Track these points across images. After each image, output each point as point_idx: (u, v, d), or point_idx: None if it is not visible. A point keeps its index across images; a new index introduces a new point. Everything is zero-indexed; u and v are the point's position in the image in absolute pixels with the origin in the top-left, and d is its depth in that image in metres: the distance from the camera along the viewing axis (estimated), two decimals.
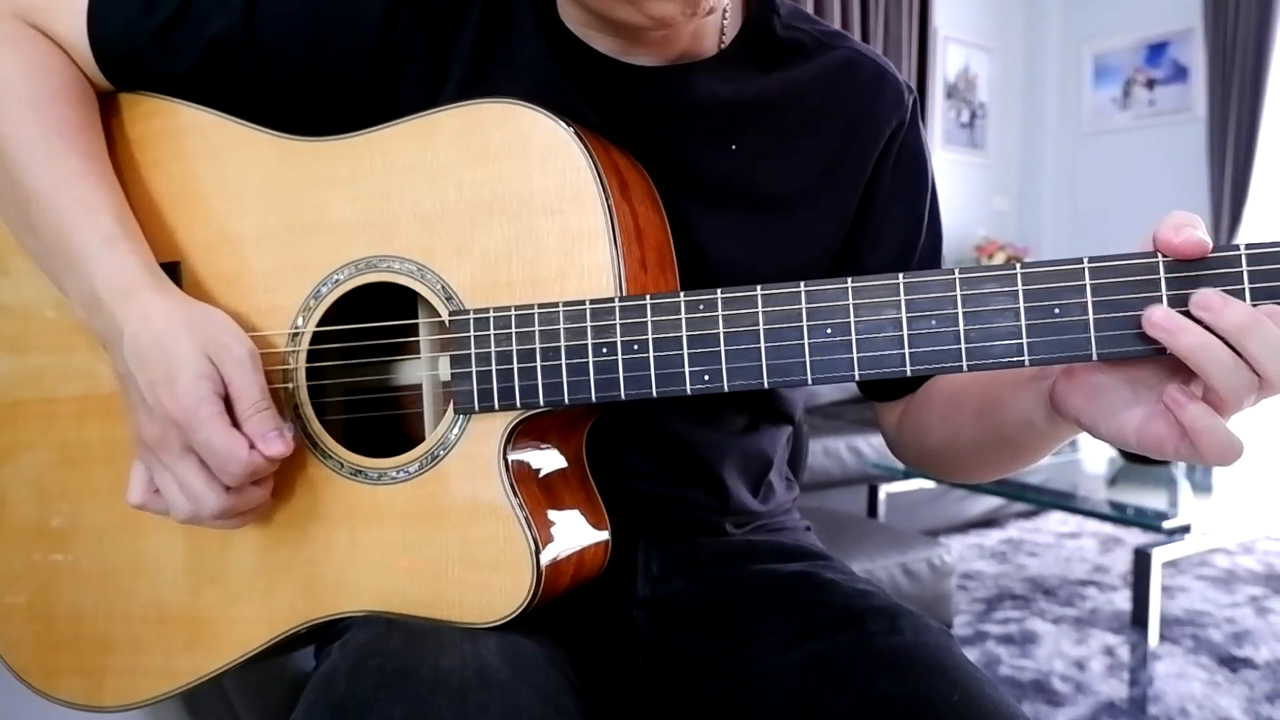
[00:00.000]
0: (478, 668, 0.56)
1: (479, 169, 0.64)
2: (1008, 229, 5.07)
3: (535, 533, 0.61)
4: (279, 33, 0.71)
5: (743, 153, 0.74)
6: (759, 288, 0.57)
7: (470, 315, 0.63)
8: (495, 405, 0.62)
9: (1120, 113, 4.78)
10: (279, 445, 0.62)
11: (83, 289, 0.66)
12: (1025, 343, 0.53)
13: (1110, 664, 2.20)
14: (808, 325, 0.56)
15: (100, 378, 0.73)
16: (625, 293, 0.61)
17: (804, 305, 0.57)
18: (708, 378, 0.58)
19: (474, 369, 0.62)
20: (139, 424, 0.64)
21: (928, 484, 2.97)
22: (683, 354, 0.59)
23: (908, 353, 0.55)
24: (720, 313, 0.58)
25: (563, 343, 0.61)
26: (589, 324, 0.60)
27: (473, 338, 0.63)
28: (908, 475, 2.88)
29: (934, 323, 0.54)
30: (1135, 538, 3.11)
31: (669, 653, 0.76)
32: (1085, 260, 0.52)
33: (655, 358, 0.59)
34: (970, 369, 0.54)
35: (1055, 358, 0.53)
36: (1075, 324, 0.52)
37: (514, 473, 0.63)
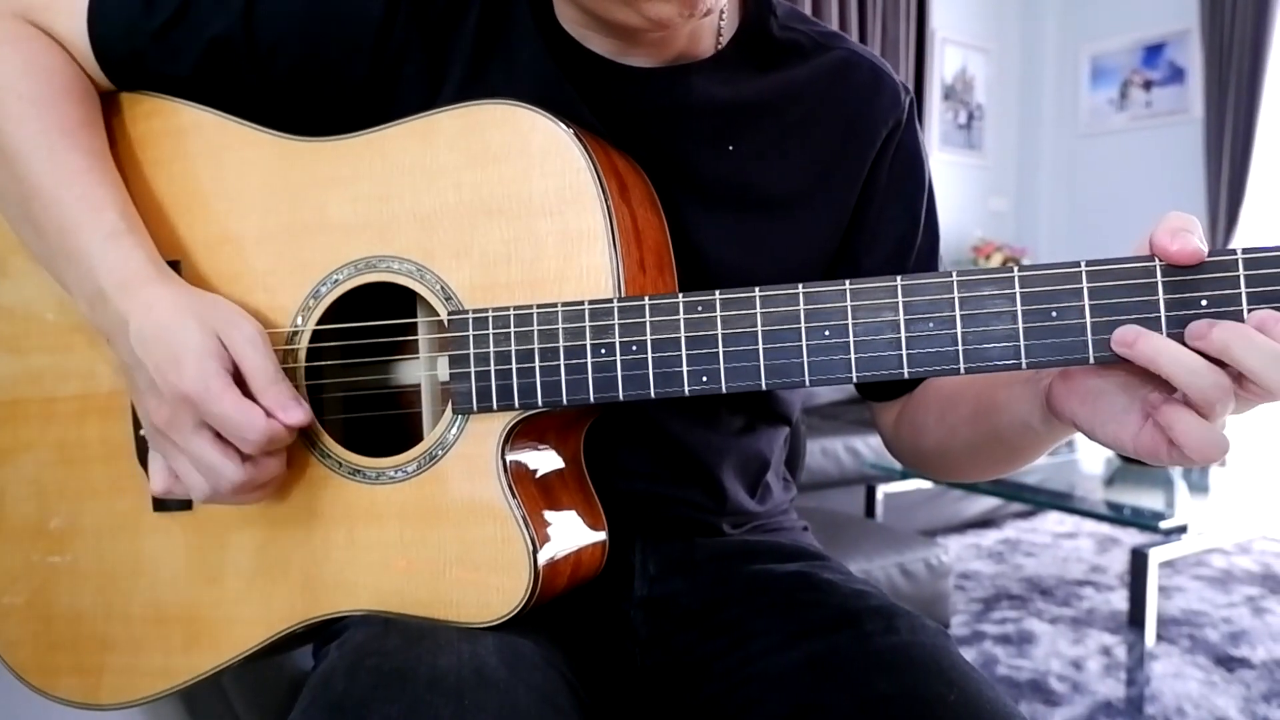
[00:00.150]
0: (475, 667, 0.56)
1: (479, 170, 0.64)
2: (1005, 230, 5.07)
3: (533, 533, 0.62)
4: (278, 32, 0.71)
5: (740, 154, 0.74)
6: (757, 289, 0.58)
7: (469, 316, 0.63)
8: (494, 406, 0.62)
9: (1117, 114, 4.78)
10: (299, 413, 0.62)
11: (86, 284, 0.66)
12: (1022, 345, 0.53)
13: (1107, 664, 2.20)
14: (806, 327, 0.57)
15: (100, 377, 0.73)
16: (624, 294, 0.61)
17: (802, 307, 0.57)
18: (706, 379, 0.58)
19: (472, 369, 0.63)
20: (148, 410, 0.64)
21: (925, 484, 2.98)
22: (681, 355, 0.59)
23: (905, 355, 0.55)
24: (718, 314, 0.58)
25: (561, 343, 0.61)
26: (587, 325, 0.60)
27: (471, 338, 0.63)
28: (905, 476, 2.89)
29: (931, 325, 0.55)
30: (1132, 538, 3.11)
31: (666, 652, 0.76)
32: (1083, 264, 0.52)
33: (654, 359, 0.59)
34: (967, 371, 0.54)
35: (1052, 360, 0.53)
36: (1072, 327, 0.52)
37: (512, 473, 0.63)
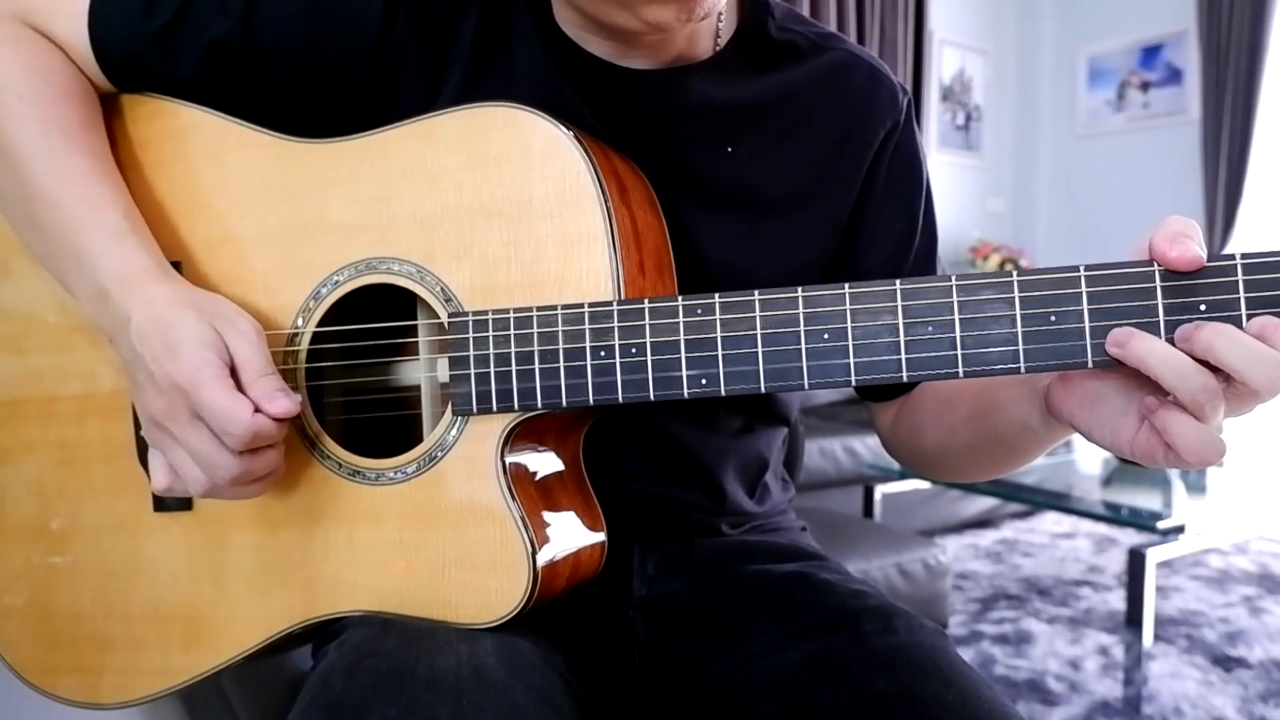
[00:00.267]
0: (474, 668, 0.56)
1: (479, 172, 0.64)
2: (1002, 231, 5.07)
3: (532, 534, 0.62)
4: (278, 34, 0.71)
5: (739, 155, 0.74)
6: (756, 293, 0.58)
7: (469, 318, 0.63)
8: (493, 407, 0.62)
9: (1114, 115, 4.79)
10: (285, 403, 0.61)
11: (89, 283, 0.66)
12: (1021, 350, 0.53)
13: (1105, 664, 2.21)
14: (805, 330, 0.57)
15: (100, 378, 0.73)
16: (623, 297, 0.61)
17: (801, 310, 0.57)
18: (705, 381, 0.58)
19: (472, 371, 0.63)
20: (147, 402, 0.63)
21: (923, 484, 2.98)
22: (680, 358, 0.59)
23: (904, 359, 0.55)
24: (718, 317, 0.58)
25: (561, 345, 0.61)
26: (587, 327, 0.60)
27: (471, 340, 0.63)
28: (903, 476, 2.89)
29: (930, 329, 0.55)
30: (1130, 538, 3.12)
31: (665, 653, 0.76)
32: (1082, 269, 0.52)
33: (653, 361, 0.59)
34: (966, 375, 0.54)
35: (1050, 365, 0.53)
36: (1071, 332, 0.53)
37: (511, 474, 0.63)
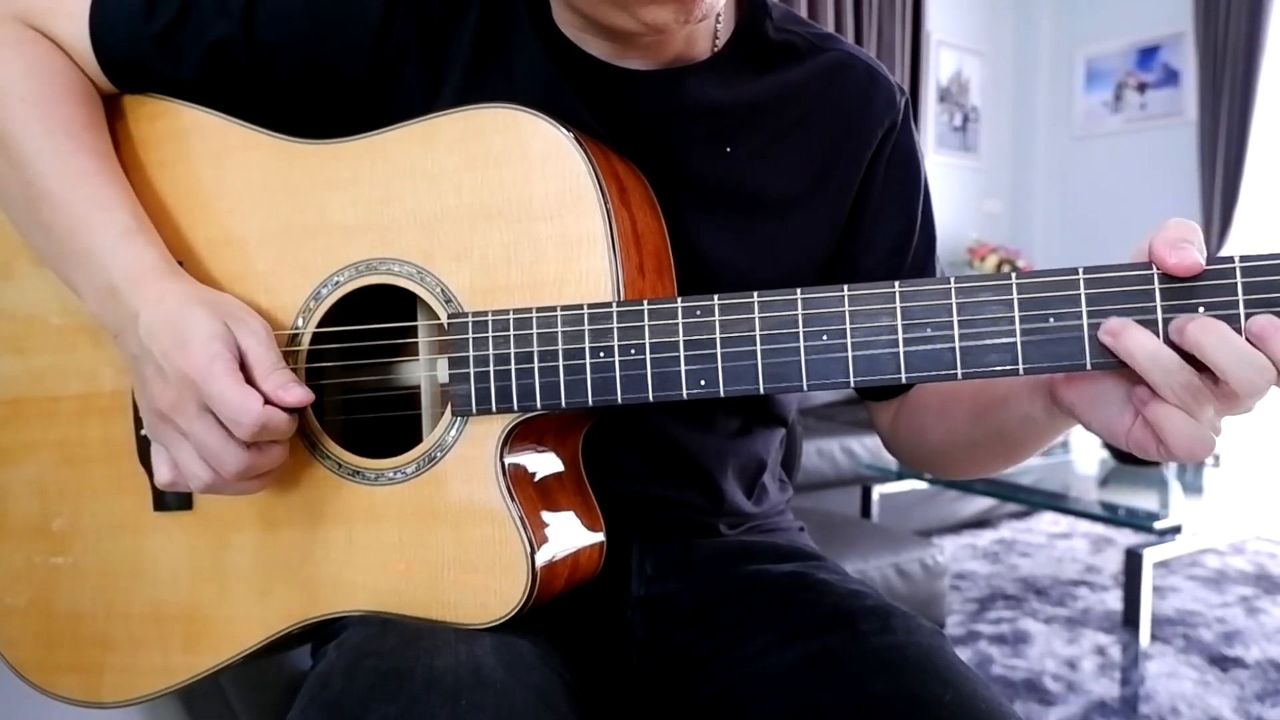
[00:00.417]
0: (472, 668, 0.56)
1: (479, 173, 0.64)
2: (1000, 232, 5.08)
3: (531, 534, 0.62)
4: (278, 35, 0.71)
5: (738, 156, 0.74)
6: (755, 294, 0.58)
7: (469, 318, 0.63)
8: (493, 408, 0.62)
9: (1111, 116, 4.79)
10: (299, 391, 0.62)
11: (97, 281, 0.66)
12: (1019, 352, 0.54)
13: (1102, 663, 2.21)
14: (804, 332, 0.57)
15: (101, 377, 0.73)
16: (623, 298, 0.61)
17: (800, 312, 0.57)
18: (704, 382, 0.59)
19: (471, 371, 0.63)
20: (153, 395, 0.63)
21: (920, 485, 2.99)
22: (679, 359, 0.59)
23: (903, 361, 0.55)
24: (717, 318, 0.58)
25: (560, 346, 0.61)
26: (586, 328, 0.61)
27: (471, 340, 0.63)
28: (901, 476, 2.90)
29: (929, 331, 0.55)
30: (1127, 538, 3.13)
31: (663, 653, 0.76)
32: (1080, 271, 0.53)
33: (652, 362, 0.59)
34: (964, 377, 0.55)
35: (1048, 367, 0.53)
36: (1069, 334, 0.53)
37: (510, 475, 0.63)
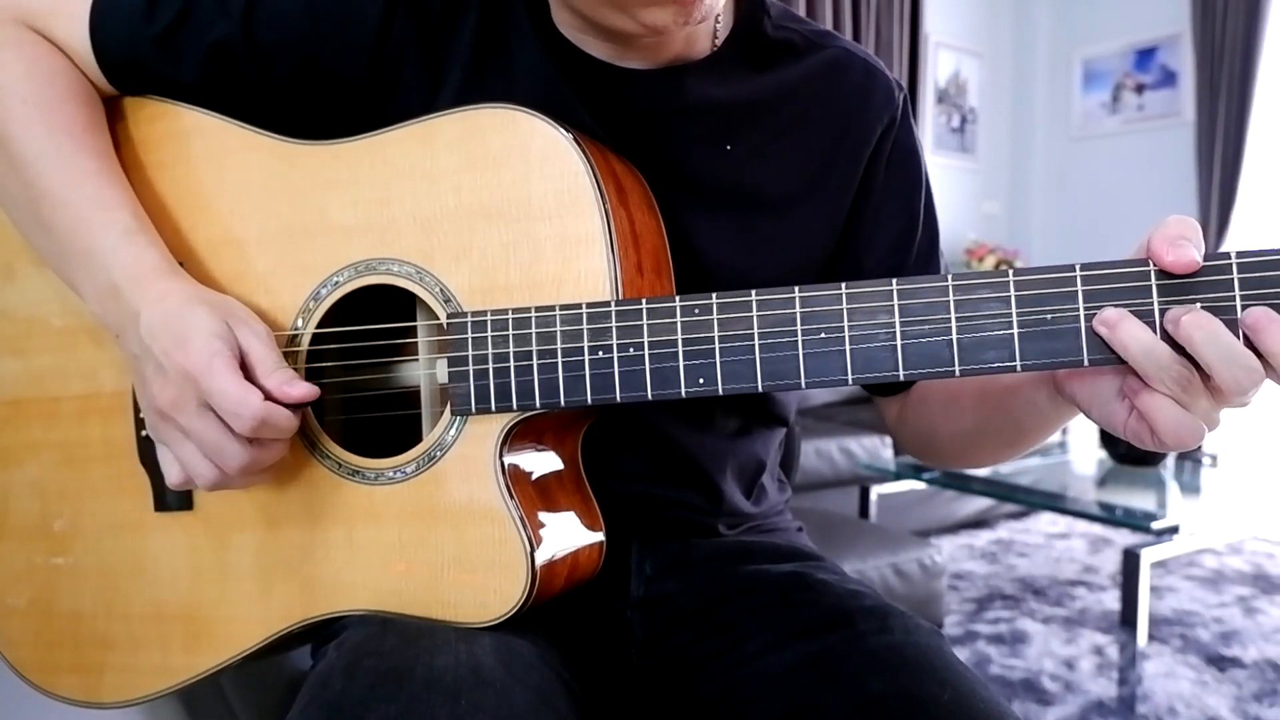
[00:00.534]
0: (472, 667, 0.56)
1: (478, 174, 0.64)
2: (998, 232, 5.08)
3: (530, 534, 0.62)
4: (278, 36, 0.71)
5: (737, 154, 0.75)
6: (754, 293, 0.58)
7: (468, 318, 0.63)
8: (492, 407, 0.63)
9: (1109, 117, 4.80)
10: (303, 387, 0.62)
11: (99, 281, 0.67)
12: (1017, 349, 0.54)
13: (1099, 663, 2.21)
14: (802, 329, 0.57)
15: (102, 378, 0.74)
16: (621, 297, 0.61)
17: (798, 310, 0.57)
18: (703, 381, 0.59)
19: (471, 371, 0.63)
20: (153, 394, 0.63)
21: (919, 485, 2.99)
22: (678, 357, 0.59)
23: (901, 358, 0.55)
24: (715, 317, 0.58)
25: (559, 345, 0.61)
26: (585, 327, 0.61)
27: (470, 340, 0.63)
28: (899, 476, 2.90)
29: (927, 328, 0.55)
30: (1124, 538, 3.13)
31: (662, 653, 0.76)
32: (1078, 267, 0.53)
33: (651, 361, 0.59)
34: (962, 374, 0.55)
35: (1047, 364, 0.54)
36: (1067, 330, 0.53)
37: (510, 474, 0.63)
